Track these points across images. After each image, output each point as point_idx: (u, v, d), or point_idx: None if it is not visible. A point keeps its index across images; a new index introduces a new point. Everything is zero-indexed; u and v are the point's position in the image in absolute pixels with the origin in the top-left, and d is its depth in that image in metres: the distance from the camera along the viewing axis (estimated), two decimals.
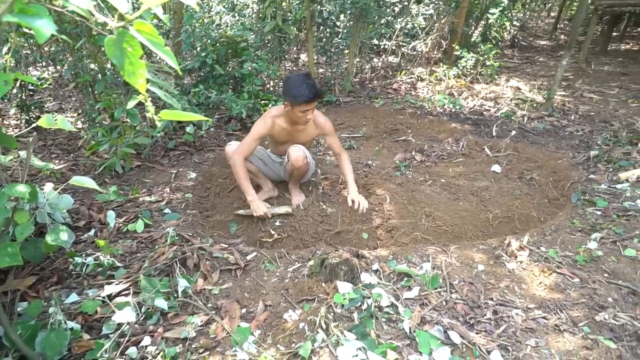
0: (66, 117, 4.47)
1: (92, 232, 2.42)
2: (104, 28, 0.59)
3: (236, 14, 6.17)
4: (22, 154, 1.68)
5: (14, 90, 3.86)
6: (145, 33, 0.56)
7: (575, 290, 2.05)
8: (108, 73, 3.56)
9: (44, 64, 5.44)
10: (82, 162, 3.31)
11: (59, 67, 4.97)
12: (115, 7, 0.62)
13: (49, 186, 2.03)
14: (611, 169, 3.31)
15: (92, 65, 3.64)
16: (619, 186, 3.02)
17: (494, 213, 2.90)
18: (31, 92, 4.14)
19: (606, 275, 2.14)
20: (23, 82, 3.82)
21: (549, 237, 2.52)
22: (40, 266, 2.10)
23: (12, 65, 3.31)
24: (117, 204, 2.75)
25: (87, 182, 1.49)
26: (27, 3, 0.59)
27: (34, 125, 1.47)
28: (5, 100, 4.11)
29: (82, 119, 4.03)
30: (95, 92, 3.62)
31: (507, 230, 2.79)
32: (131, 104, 0.72)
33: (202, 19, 5.31)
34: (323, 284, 2.03)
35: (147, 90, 0.74)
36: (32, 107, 3.93)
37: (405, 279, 2.11)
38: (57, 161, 3.40)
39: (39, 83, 4.68)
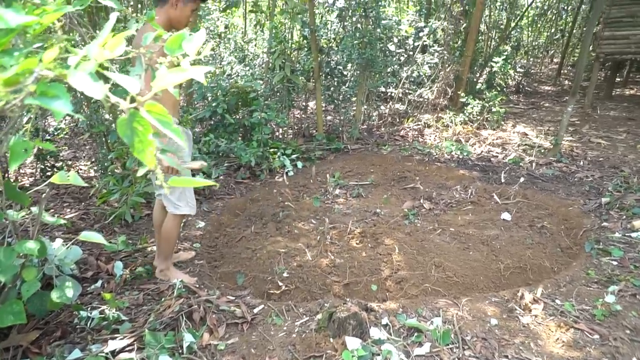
0: (79, 165, 4.57)
1: (99, 284, 2.40)
2: (117, 107, 0.62)
3: (246, 65, 6.41)
4: (34, 209, 1.71)
5: None
6: (155, 113, 0.59)
7: (596, 348, 1.96)
8: None
9: None
10: (93, 210, 3.35)
11: (75, 117, 5.15)
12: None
13: (58, 242, 2.05)
14: (624, 217, 3.25)
15: (107, 116, 3.77)
16: (633, 235, 2.95)
17: (505, 263, 2.84)
18: (48, 141, 4.27)
19: (628, 331, 2.05)
20: (40, 130, 3.96)
21: (564, 289, 2.44)
22: (45, 320, 2.08)
23: (32, 132, 3.43)
24: (125, 253, 2.76)
25: (96, 237, 1.50)
26: (47, 84, 0.63)
27: (47, 182, 1.50)
28: None
29: (95, 168, 4.12)
30: (109, 141, 3.73)
31: (520, 281, 2.71)
32: (141, 172, 0.74)
33: (214, 70, 5.51)
34: (331, 339, 1.97)
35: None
36: (48, 156, 4.04)
37: (416, 334, 2.04)
38: (68, 210, 3.45)
39: (57, 133, 4.84)
